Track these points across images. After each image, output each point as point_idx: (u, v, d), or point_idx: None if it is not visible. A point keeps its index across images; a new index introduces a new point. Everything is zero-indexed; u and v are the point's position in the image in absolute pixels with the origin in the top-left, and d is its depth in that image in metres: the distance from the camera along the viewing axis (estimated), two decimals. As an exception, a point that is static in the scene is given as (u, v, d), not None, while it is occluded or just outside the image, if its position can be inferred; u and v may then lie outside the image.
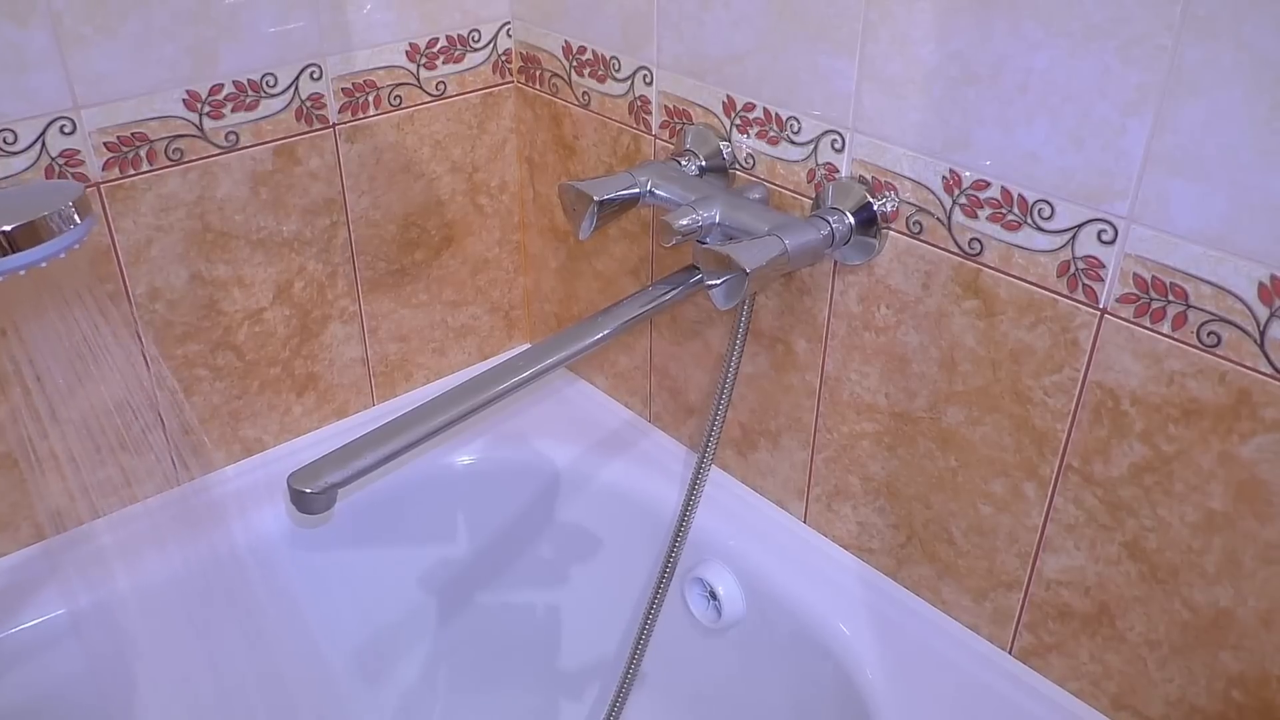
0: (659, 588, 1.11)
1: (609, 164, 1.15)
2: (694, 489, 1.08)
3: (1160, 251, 0.74)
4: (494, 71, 1.21)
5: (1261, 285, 0.70)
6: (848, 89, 0.89)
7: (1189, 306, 0.74)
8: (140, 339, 1.06)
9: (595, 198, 0.95)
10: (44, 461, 1.03)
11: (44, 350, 0.88)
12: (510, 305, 1.37)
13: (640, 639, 1.13)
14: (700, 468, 1.08)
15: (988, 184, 0.82)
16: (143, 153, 1.00)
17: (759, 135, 0.98)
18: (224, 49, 1.01)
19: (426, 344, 1.31)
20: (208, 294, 1.09)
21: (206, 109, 1.02)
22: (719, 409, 1.06)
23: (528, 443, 1.25)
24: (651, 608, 1.12)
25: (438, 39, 1.15)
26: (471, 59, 1.19)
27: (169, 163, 1.02)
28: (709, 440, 1.07)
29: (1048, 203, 0.79)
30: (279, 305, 1.15)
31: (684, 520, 1.09)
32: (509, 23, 1.19)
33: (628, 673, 1.15)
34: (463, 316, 1.33)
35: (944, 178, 0.85)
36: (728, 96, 0.99)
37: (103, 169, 0.98)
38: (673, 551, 1.09)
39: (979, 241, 0.84)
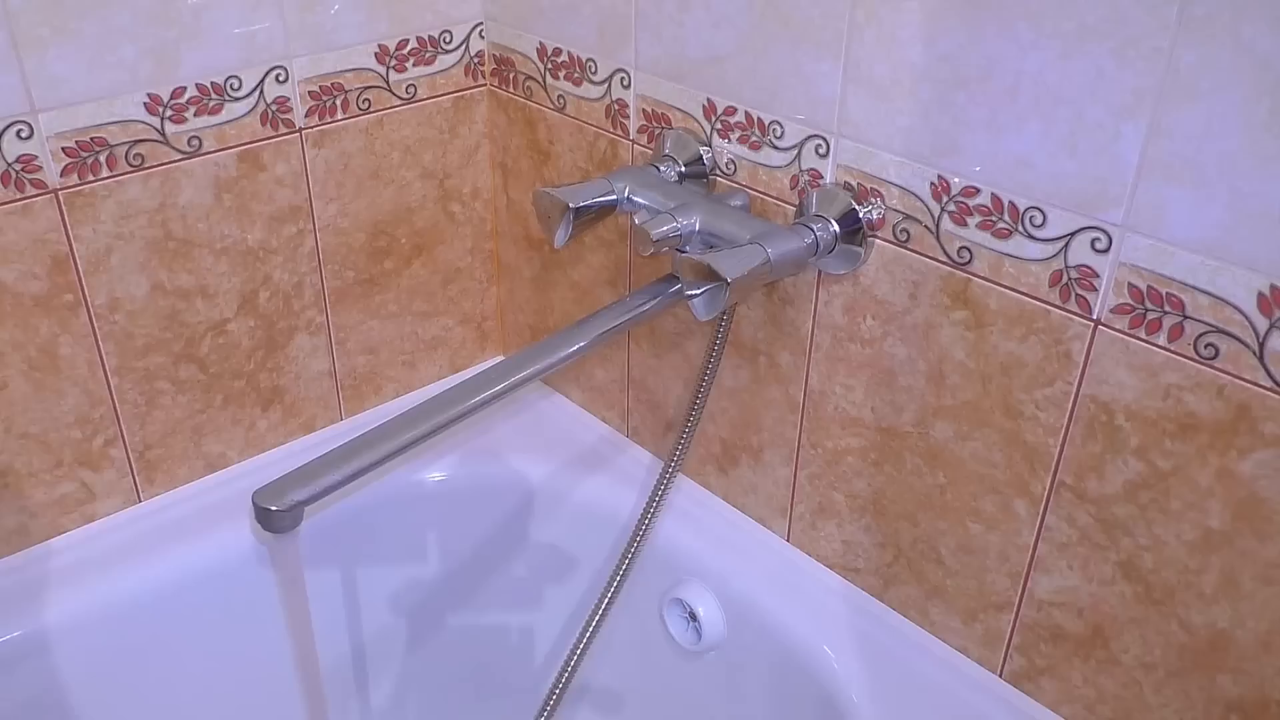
0: (606, 594, 1.09)
1: (585, 170, 1.14)
2: (656, 493, 1.07)
3: (1156, 261, 0.73)
4: (466, 74, 1.20)
5: (1261, 295, 0.69)
6: (832, 92, 0.87)
7: (1186, 318, 0.73)
8: (100, 350, 1.04)
9: (571, 205, 0.95)
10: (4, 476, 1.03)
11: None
12: (483, 316, 1.35)
13: (577, 647, 1.11)
14: (665, 472, 1.07)
15: (977, 190, 0.81)
16: (102, 158, 0.99)
17: (740, 140, 0.97)
18: (186, 51, 1.00)
19: (396, 356, 1.29)
20: (170, 304, 1.07)
21: (168, 113, 1.01)
22: (692, 418, 1.05)
23: (501, 459, 1.24)
24: (595, 613, 1.10)
25: (408, 40, 1.13)
26: (443, 61, 1.17)
27: (130, 168, 1.00)
28: (678, 448, 1.07)
29: (1039, 210, 0.78)
30: (243, 316, 1.13)
31: (642, 523, 1.07)
32: (481, 24, 1.18)
33: (559, 684, 1.13)
34: (434, 328, 1.31)
35: (932, 184, 0.84)
36: (708, 100, 0.98)
37: (61, 175, 0.97)
38: (626, 556, 1.08)
39: (968, 250, 0.83)
